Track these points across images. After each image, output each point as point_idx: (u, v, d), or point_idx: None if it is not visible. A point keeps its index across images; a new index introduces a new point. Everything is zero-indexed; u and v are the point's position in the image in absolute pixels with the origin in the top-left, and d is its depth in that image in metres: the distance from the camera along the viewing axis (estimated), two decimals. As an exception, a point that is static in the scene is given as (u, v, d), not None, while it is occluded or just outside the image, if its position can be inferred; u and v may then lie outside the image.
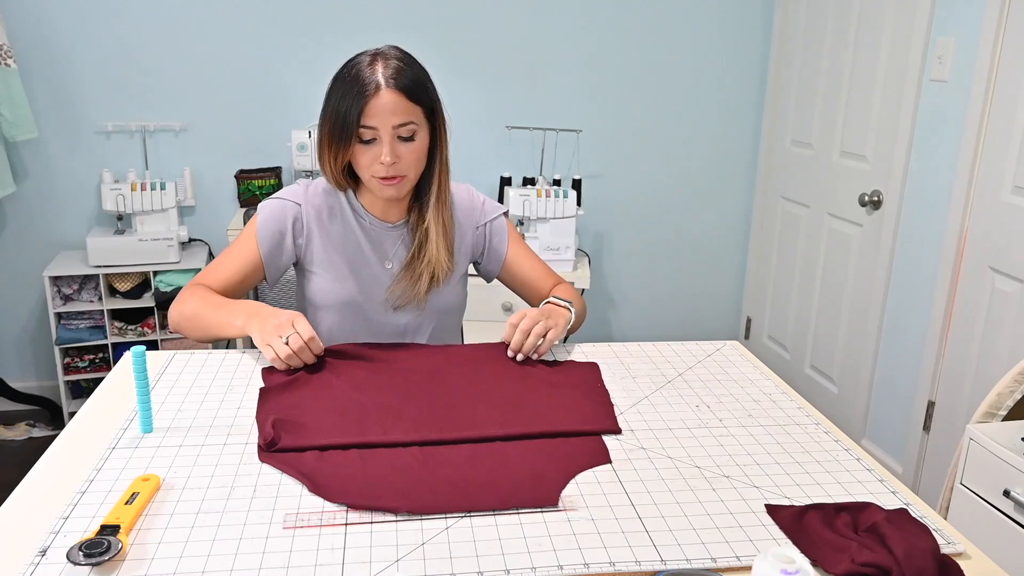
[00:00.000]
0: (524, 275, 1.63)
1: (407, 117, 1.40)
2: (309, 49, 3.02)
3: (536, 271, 1.64)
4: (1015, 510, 1.50)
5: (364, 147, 1.42)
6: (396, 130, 1.40)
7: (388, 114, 1.39)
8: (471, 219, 1.61)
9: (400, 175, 1.43)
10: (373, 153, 1.41)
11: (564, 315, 1.47)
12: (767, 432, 1.18)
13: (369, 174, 1.44)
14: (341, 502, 0.95)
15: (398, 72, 1.41)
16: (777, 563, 0.73)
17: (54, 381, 3.04)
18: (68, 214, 3.03)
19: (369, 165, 1.42)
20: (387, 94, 1.39)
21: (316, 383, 1.26)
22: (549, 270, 1.66)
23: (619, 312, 3.60)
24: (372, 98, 1.38)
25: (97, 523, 0.90)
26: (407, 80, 1.41)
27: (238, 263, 1.51)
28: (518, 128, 3.21)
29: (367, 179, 1.45)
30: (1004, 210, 2.22)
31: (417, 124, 1.43)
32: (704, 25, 3.29)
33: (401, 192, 1.47)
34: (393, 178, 1.43)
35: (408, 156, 1.42)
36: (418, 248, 1.52)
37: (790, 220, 3.27)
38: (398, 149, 1.41)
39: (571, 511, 0.96)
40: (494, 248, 1.62)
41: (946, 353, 2.46)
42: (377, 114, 1.39)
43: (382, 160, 1.40)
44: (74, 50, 2.90)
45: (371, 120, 1.39)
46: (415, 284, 1.52)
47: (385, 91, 1.39)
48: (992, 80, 2.24)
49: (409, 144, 1.42)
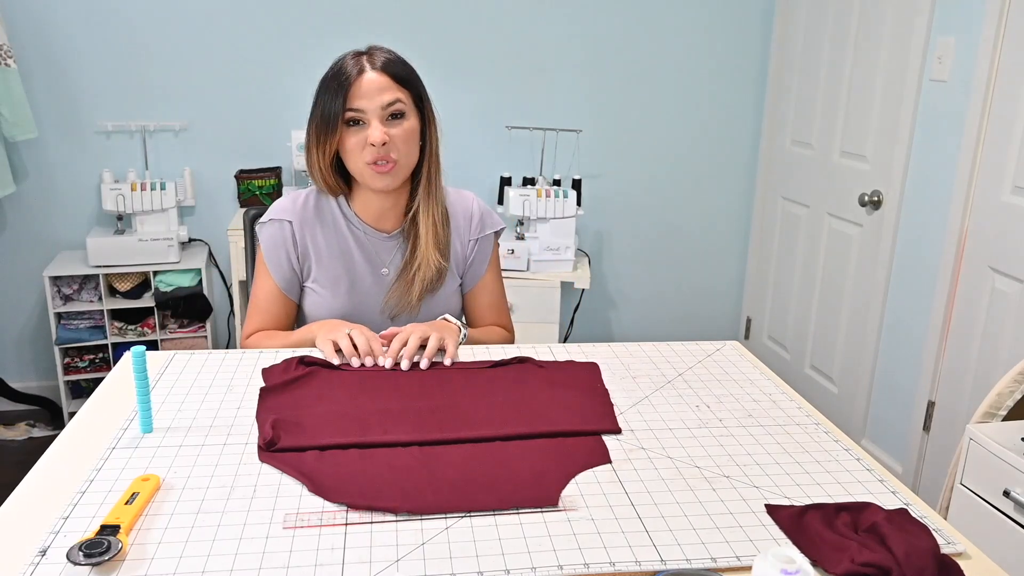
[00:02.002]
0: (483, 301, 1.63)
1: (394, 95, 1.40)
2: (310, 49, 3.02)
3: (494, 303, 1.63)
4: (1015, 510, 1.50)
5: (352, 133, 1.40)
6: (384, 110, 1.39)
7: (375, 93, 1.38)
8: (465, 229, 1.58)
9: (391, 159, 1.41)
10: (362, 136, 1.40)
11: (454, 331, 1.46)
12: (767, 432, 1.18)
13: (360, 162, 1.41)
14: (341, 502, 0.95)
15: (384, 60, 1.42)
16: (777, 563, 0.73)
17: (54, 381, 3.04)
18: (68, 214, 3.03)
19: (359, 151, 1.40)
20: (372, 74, 1.39)
21: (316, 383, 1.26)
22: (503, 307, 1.65)
23: (619, 312, 3.60)
24: (356, 81, 1.38)
25: (97, 523, 0.90)
26: (394, 67, 1.42)
27: (270, 297, 1.53)
28: (518, 128, 3.21)
29: (359, 169, 1.43)
30: (1004, 210, 2.22)
31: (405, 105, 1.42)
32: (704, 25, 3.29)
33: (395, 181, 1.44)
34: (385, 164, 1.41)
35: (398, 136, 1.41)
36: (411, 253, 1.51)
37: (790, 220, 3.27)
38: (387, 129, 1.40)
39: (571, 511, 0.96)
40: (474, 266, 1.60)
41: (946, 353, 2.46)
42: (363, 95, 1.38)
43: (371, 141, 1.38)
44: (74, 50, 2.90)
45: (357, 102, 1.38)
46: (408, 290, 1.51)
47: (370, 72, 1.39)
48: (992, 80, 2.24)
49: (398, 124, 1.41)
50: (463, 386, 1.27)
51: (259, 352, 1.40)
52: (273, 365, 1.33)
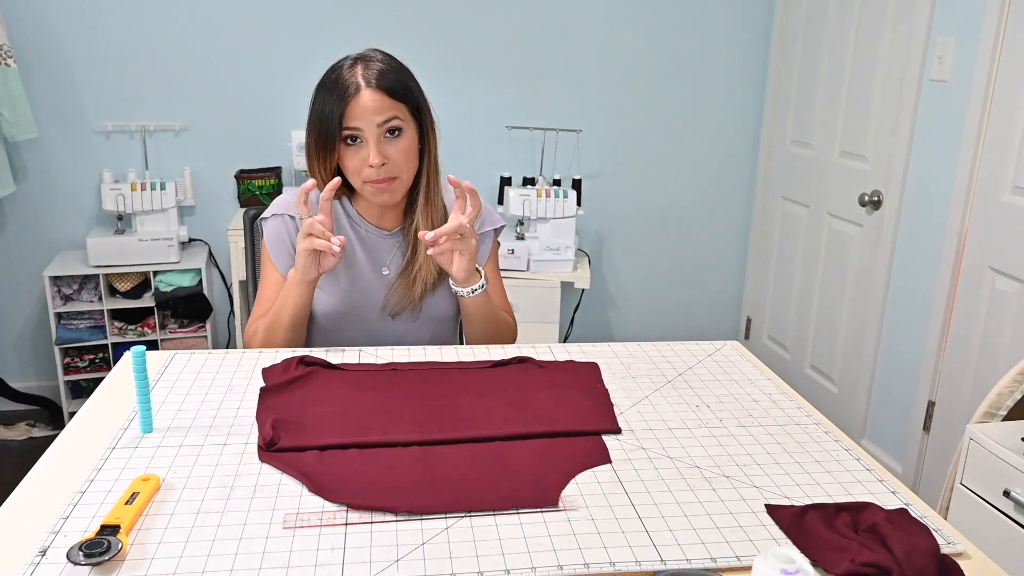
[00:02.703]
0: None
1: (391, 113, 1.39)
2: (310, 49, 3.02)
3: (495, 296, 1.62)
4: (1015, 510, 1.50)
5: (350, 150, 1.40)
6: (381, 128, 1.39)
7: (371, 113, 1.37)
8: None
9: (391, 177, 1.41)
10: (361, 156, 1.40)
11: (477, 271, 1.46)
12: (767, 432, 1.18)
13: (360, 180, 1.42)
14: (341, 502, 0.95)
15: (380, 73, 1.40)
16: (777, 563, 0.73)
17: (54, 381, 3.04)
18: (68, 214, 3.03)
19: (358, 170, 1.41)
20: (368, 93, 1.38)
21: (316, 383, 1.26)
22: (505, 302, 1.65)
23: (619, 312, 3.60)
24: (353, 99, 1.37)
25: (97, 523, 0.90)
26: (389, 80, 1.40)
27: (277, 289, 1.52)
28: (518, 128, 3.21)
29: (359, 186, 1.44)
30: (1004, 210, 2.22)
31: (402, 120, 1.41)
32: (704, 25, 3.29)
33: (395, 196, 1.46)
34: (384, 181, 1.41)
35: (397, 155, 1.41)
36: (412, 252, 1.51)
37: (790, 220, 3.27)
38: (385, 149, 1.40)
39: (571, 511, 0.96)
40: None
41: (946, 353, 2.46)
42: (360, 115, 1.37)
43: (371, 163, 1.38)
44: (74, 50, 2.90)
45: (354, 121, 1.38)
46: (409, 290, 1.51)
47: (366, 91, 1.38)
48: (992, 80, 2.24)
49: (396, 142, 1.41)
50: (463, 386, 1.27)
51: (259, 352, 1.40)
52: (273, 365, 1.33)
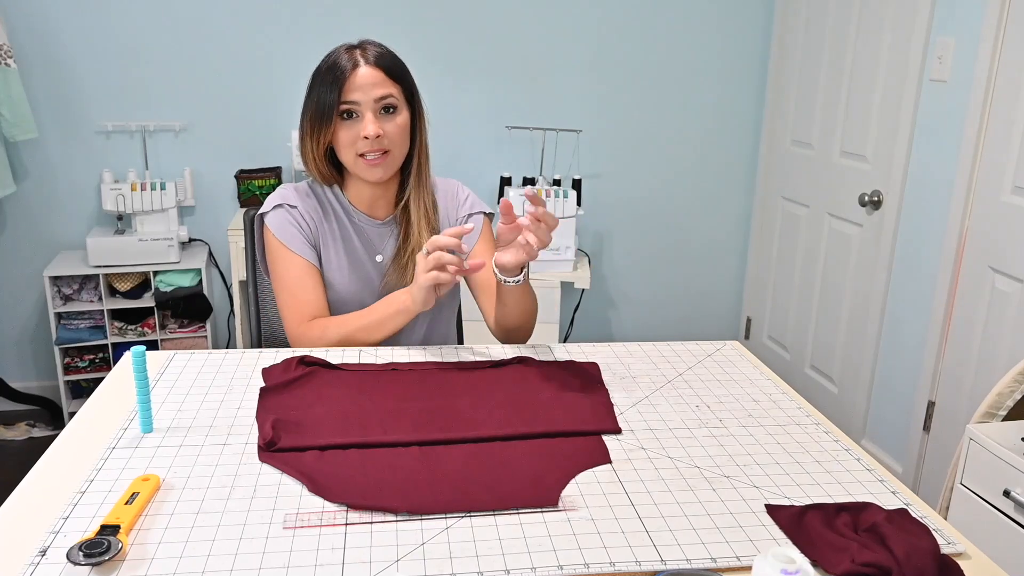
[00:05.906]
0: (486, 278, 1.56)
1: (387, 90, 1.43)
2: (309, 49, 3.02)
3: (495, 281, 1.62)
4: (1015, 510, 1.50)
5: (346, 125, 1.43)
6: (378, 103, 1.42)
7: (369, 87, 1.41)
8: (454, 209, 1.62)
9: (384, 150, 1.44)
10: (355, 130, 1.43)
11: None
12: (767, 432, 1.18)
13: (353, 154, 1.44)
14: (341, 502, 0.95)
15: (378, 55, 1.45)
16: (777, 563, 0.73)
17: (54, 381, 3.04)
18: (68, 214, 3.03)
19: (352, 142, 1.43)
20: (367, 69, 1.42)
21: (316, 383, 1.26)
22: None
23: (619, 312, 3.60)
24: (351, 74, 1.41)
25: (97, 523, 0.90)
26: (387, 61, 1.45)
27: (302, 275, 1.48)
28: (518, 128, 3.21)
29: (351, 161, 1.46)
30: (1004, 210, 2.22)
31: (397, 100, 1.45)
32: (704, 25, 3.29)
33: (387, 172, 1.47)
34: (377, 157, 1.44)
35: (392, 130, 1.44)
36: (404, 238, 1.54)
37: (790, 220, 3.27)
38: (381, 123, 1.43)
39: (571, 511, 0.96)
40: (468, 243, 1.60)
41: (946, 353, 2.46)
42: (358, 88, 1.41)
43: (365, 134, 1.41)
44: (74, 50, 2.90)
45: (352, 95, 1.41)
46: (404, 273, 1.53)
47: (364, 67, 1.42)
48: (992, 80, 2.24)
49: (391, 118, 1.44)
50: (463, 386, 1.27)
51: (259, 352, 1.40)
52: (273, 365, 1.33)
